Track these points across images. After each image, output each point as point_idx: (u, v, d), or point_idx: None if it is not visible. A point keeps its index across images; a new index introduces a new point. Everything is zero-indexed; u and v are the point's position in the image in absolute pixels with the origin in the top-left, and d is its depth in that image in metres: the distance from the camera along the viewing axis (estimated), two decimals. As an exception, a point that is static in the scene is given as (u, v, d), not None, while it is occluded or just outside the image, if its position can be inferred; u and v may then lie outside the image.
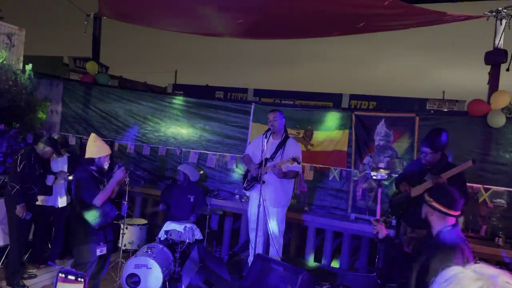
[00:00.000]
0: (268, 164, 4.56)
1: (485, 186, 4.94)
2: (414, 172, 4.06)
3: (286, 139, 4.75)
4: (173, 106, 6.93)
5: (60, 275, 2.50)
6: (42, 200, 4.87)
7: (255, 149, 4.82)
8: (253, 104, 6.48)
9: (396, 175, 4.71)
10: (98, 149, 3.75)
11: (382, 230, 3.04)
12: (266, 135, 4.58)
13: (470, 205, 4.74)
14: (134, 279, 4.24)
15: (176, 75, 28.06)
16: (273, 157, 4.66)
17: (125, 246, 4.90)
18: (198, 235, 4.98)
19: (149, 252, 4.42)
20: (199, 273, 4.49)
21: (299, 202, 6.09)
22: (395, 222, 4.58)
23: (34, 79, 7.02)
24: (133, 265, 4.28)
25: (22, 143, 6.17)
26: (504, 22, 5.19)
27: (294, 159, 4.34)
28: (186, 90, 16.89)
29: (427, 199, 2.62)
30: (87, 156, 3.74)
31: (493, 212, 5.03)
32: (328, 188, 5.97)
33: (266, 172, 4.55)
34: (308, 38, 7.29)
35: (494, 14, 5.20)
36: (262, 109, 6.29)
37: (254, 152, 4.82)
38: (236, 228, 6.23)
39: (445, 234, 2.51)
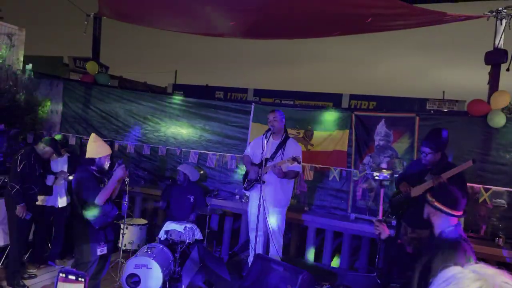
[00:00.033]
0: (268, 164, 4.57)
1: (485, 186, 4.94)
2: (414, 172, 4.06)
3: (286, 139, 4.75)
4: (173, 106, 6.93)
5: (60, 275, 2.50)
6: (42, 200, 4.87)
7: (255, 149, 4.83)
8: (253, 104, 6.48)
9: (397, 175, 4.71)
10: (98, 149, 3.76)
11: (385, 231, 3.04)
12: (266, 135, 4.59)
13: (470, 205, 4.73)
14: (134, 279, 4.24)
15: (176, 75, 28.12)
16: (273, 157, 4.66)
17: (125, 246, 4.90)
18: (198, 235, 4.98)
19: (149, 252, 4.43)
20: (199, 273, 4.49)
21: (299, 202, 6.09)
22: (395, 222, 4.57)
23: (34, 79, 7.03)
24: (133, 265, 4.28)
25: (22, 143, 6.18)
26: (504, 22, 5.19)
27: (295, 158, 4.34)
28: (186, 90, 16.89)
29: (429, 199, 2.61)
30: (88, 156, 3.74)
31: (493, 212, 5.03)
32: (328, 188, 5.97)
33: (266, 172, 4.55)
34: (308, 38, 7.29)
35: (494, 14, 5.21)
36: (262, 109, 6.29)
37: (254, 152, 4.82)
38: (236, 228, 6.23)
39: (447, 234, 2.50)
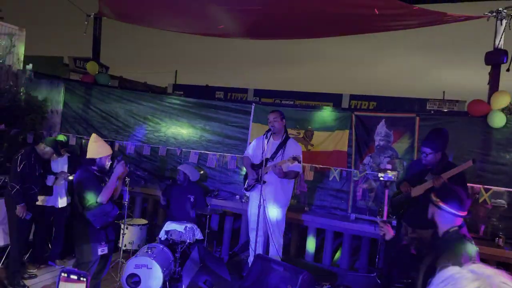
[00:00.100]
0: (268, 164, 4.57)
1: (485, 187, 4.94)
2: (415, 172, 4.06)
3: (287, 139, 4.75)
4: (173, 106, 6.93)
5: (62, 274, 2.51)
6: (42, 200, 4.87)
7: (255, 149, 4.83)
8: (253, 104, 6.48)
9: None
10: (99, 149, 3.76)
11: (389, 232, 3.02)
12: (267, 135, 4.59)
13: (470, 205, 4.73)
14: (135, 279, 4.24)
15: (176, 75, 28.10)
16: (273, 157, 4.66)
17: (125, 246, 4.90)
18: (198, 235, 4.99)
19: (149, 252, 4.43)
20: (200, 273, 4.49)
21: (299, 202, 6.09)
22: (395, 223, 4.58)
23: (34, 79, 7.03)
24: (133, 265, 4.29)
25: (22, 143, 6.19)
26: (504, 22, 5.19)
27: (295, 158, 4.35)
28: (186, 90, 16.88)
29: (434, 199, 2.61)
30: (88, 156, 3.75)
31: (493, 212, 5.03)
32: (328, 188, 5.97)
33: (267, 172, 4.56)
34: (308, 38, 7.29)
35: (494, 14, 5.21)
36: (262, 109, 6.29)
37: (255, 152, 4.82)
38: (236, 228, 6.23)
39: (451, 234, 2.50)
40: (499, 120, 4.99)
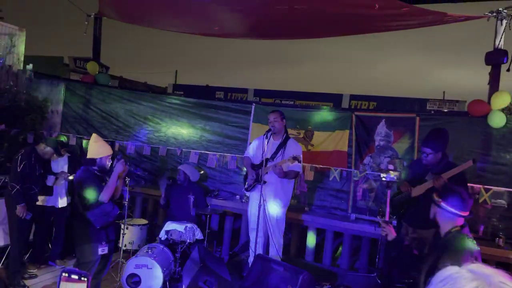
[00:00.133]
0: (268, 164, 4.57)
1: (485, 187, 4.94)
2: (415, 172, 4.06)
3: (287, 139, 4.76)
4: (173, 106, 6.93)
5: (63, 274, 2.51)
6: (42, 200, 4.87)
7: (255, 149, 4.83)
8: (253, 104, 6.48)
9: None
10: (99, 149, 3.77)
11: (392, 232, 3.02)
12: (267, 135, 4.59)
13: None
14: (135, 279, 4.25)
15: (176, 75, 28.12)
16: (273, 157, 4.66)
17: (125, 246, 4.90)
18: (198, 235, 4.99)
19: (149, 252, 4.43)
20: (200, 273, 4.49)
21: (299, 202, 6.09)
22: (395, 223, 4.58)
23: (35, 79, 7.03)
24: (133, 265, 4.29)
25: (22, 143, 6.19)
26: (504, 22, 5.19)
27: (295, 157, 4.35)
28: (186, 90, 16.90)
29: (436, 199, 2.61)
30: (89, 156, 3.75)
31: (493, 212, 5.03)
32: (328, 188, 5.97)
33: (267, 172, 4.56)
34: (308, 38, 7.29)
35: (494, 14, 5.21)
36: (263, 109, 6.29)
37: (255, 152, 4.83)
38: (236, 228, 6.23)
39: (453, 234, 2.50)
40: (499, 120, 4.99)
